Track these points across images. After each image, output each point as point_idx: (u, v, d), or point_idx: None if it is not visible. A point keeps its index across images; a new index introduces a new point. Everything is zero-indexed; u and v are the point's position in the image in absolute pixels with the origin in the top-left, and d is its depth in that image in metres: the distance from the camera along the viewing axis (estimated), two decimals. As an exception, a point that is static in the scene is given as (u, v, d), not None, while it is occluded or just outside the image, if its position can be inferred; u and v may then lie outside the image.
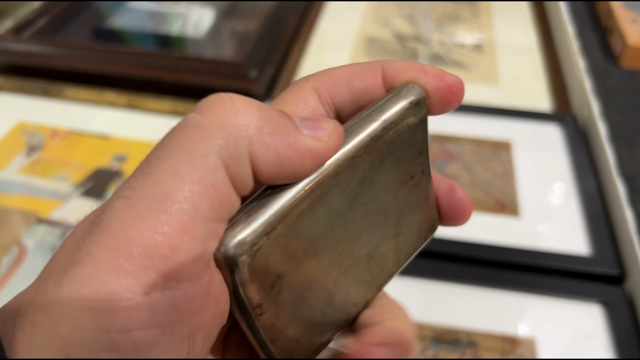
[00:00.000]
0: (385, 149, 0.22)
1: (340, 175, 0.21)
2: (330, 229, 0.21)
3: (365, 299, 0.24)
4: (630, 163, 0.56)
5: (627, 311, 0.46)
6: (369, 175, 0.22)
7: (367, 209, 0.22)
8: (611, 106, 0.63)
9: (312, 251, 0.21)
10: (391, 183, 0.23)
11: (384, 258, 0.24)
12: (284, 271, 0.20)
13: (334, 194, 0.21)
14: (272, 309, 0.20)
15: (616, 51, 0.70)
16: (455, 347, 0.45)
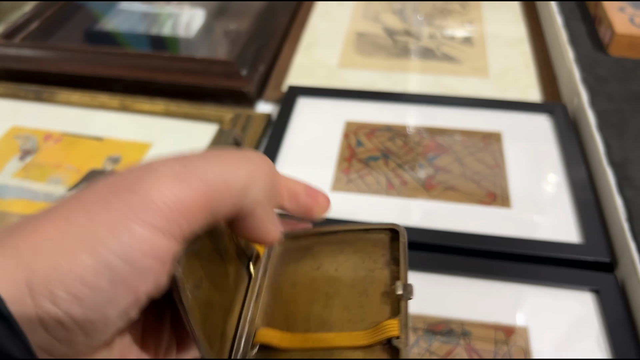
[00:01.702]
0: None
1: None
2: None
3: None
4: (619, 150, 0.56)
5: (619, 298, 0.47)
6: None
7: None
8: (600, 95, 0.63)
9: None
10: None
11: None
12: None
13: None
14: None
15: (605, 40, 0.70)
16: (449, 338, 0.45)
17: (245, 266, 0.34)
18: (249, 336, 0.31)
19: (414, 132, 0.64)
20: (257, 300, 0.33)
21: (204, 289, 0.28)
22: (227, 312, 0.31)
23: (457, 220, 0.54)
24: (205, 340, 0.27)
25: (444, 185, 0.57)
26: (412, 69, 0.76)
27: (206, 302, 0.28)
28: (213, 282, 0.29)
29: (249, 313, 0.32)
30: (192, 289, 0.27)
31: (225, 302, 0.31)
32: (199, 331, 0.26)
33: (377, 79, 0.74)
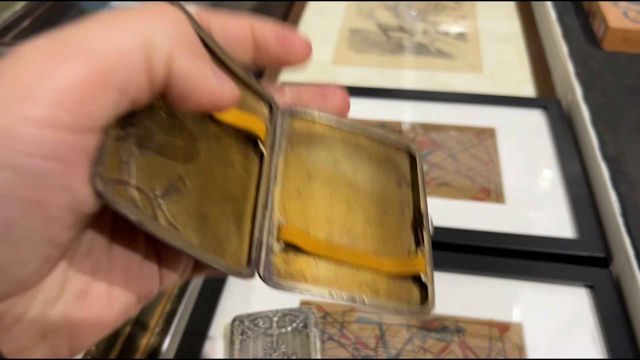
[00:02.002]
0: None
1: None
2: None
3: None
4: (613, 145, 0.56)
5: (614, 293, 0.47)
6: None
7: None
8: (594, 89, 0.63)
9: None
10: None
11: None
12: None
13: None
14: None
15: (598, 34, 0.70)
16: (443, 335, 0.45)
17: (253, 145, 0.29)
18: (272, 230, 0.27)
19: (408, 128, 0.64)
20: (275, 186, 0.28)
21: (188, 191, 0.24)
22: (237, 204, 0.27)
23: (451, 217, 0.53)
24: (207, 252, 0.23)
25: (438, 181, 0.57)
26: (406, 65, 0.75)
27: (196, 205, 0.24)
28: (203, 176, 0.25)
29: (267, 201, 0.27)
30: (162, 194, 0.22)
31: (231, 193, 0.26)
32: (192, 249, 0.22)
33: (370, 75, 0.74)
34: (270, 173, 0.28)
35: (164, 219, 0.22)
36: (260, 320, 0.44)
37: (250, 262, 0.25)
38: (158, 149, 0.23)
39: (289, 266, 0.26)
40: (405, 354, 0.44)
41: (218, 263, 0.23)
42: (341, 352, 0.44)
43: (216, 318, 0.46)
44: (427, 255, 0.29)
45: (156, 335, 0.46)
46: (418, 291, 0.28)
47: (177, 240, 0.21)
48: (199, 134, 0.26)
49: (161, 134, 0.23)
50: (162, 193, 0.23)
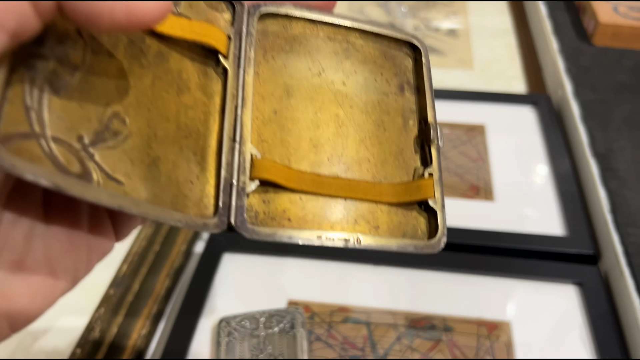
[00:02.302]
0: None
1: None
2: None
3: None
4: (603, 141, 0.56)
5: (602, 290, 0.46)
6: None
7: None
8: (584, 85, 0.62)
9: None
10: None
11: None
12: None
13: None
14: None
15: (589, 29, 0.70)
16: (430, 333, 0.45)
17: (214, 61, 0.23)
18: (243, 167, 0.22)
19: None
20: (245, 110, 0.23)
21: (129, 131, 0.19)
22: (198, 138, 0.22)
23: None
24: (159, 207, 0.19)
25: (427, 179, 0.57)
26: (396, 62, 0.75)
27: (141, 147, 0.20)
28: (149, 109, 0.20)
29: (235, 130, 0.22)
30: (92, 141, 0.18)
31: (189, 125, 0.22)
32: (136, 207, 0.18)
33: (360, 73, 0.73)
34: (237, 94, 0.23)
35: (99, 173, 0.18)
36: (246, 321, 0.44)
37: (218, 210, 0.21)
38: (81, 83, 0.18)
39: (269, 207, 0.22)
40: (393, 354, 0.44)
41: (175, 218, 0.19)
42: (329, 353, 0.44)
43: (203, 319, 0.46)
44: (435, 176, 0.24)
45: (143, 337, 0.46)
46: (425, 220, 0.24)
47: (114, 200, 0.17)
48: (137, 55, 0.20)
49: (84, 63, 0.19)
50: (92, 140, 0.18)
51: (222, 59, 0.23)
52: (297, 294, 0.48)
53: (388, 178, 0.24)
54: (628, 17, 0.67)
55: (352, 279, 0.49)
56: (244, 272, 0.49)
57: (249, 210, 0.22)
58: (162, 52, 0.21)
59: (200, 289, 0.47)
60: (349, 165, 0.24)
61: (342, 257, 0.50)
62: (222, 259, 0.50)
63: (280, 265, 0.50)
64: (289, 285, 0.48)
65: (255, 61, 0.24)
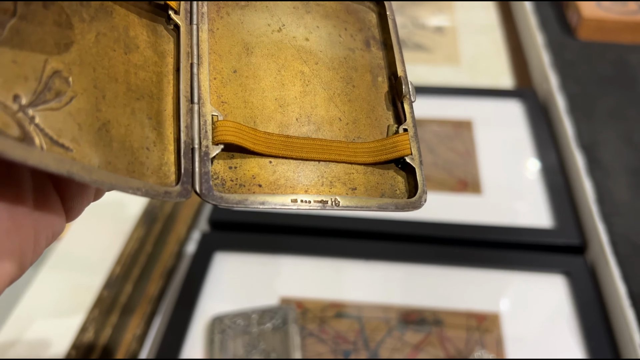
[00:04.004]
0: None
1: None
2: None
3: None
4: (588, 133, 0.57)
5: (589, 280, 0.47)
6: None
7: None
8: (569, 78, 0.63)
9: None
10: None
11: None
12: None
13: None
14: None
15: (572, 24, 0.71)
16: (421, 327, 0.45)
17: (165, 18, 0.22)
18: (205, 130, 0.20)
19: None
20: (201, 69, 0.21)
21: (74, 91, 0.18)
22: (151, 100, 0.20)
23: (428, 209, 0.54)
24: (115, 175, 0.17)
25: (416, 175, 0.57)
26: (384, 60, 0.75)
27: (89, 109, 0.18)
28: (94, 68, 0.18)
29: (193, 91, 0.21)
30: (30, 101, 0.16)
31: (141, 86, 0.20)
32: (89, 174, 0.16)
33: (348, 71, 0.74)
34: (192, 51, 0.21)
35: (42, 137, 0.16)
36: (239, 319, 0.45)
37: (181, 177, 0.19)
38: (12, 35, 0.16)
39: (236, 173, 0.21)
40: (385, 347, 0.44)
41: (134, 186, 0.18)
42: (321, 347, 0.44)
43: (196, 318, 0.46)
44: (411, 132, 0.23)
45: (137, 338, 0.46)
46: (404, 179, 0.23)
47: (62, 165, 0.15)
48: (77, 8, 0.19)
49: (16, 14, 0.17)
50: (31, 100, 0.16)
51: (172, 14, 0.21)
52: (289, 291, 0.48)
53: (362, 137, 0.23)
54: (611, 11, 0.68)
55: (344, 275, 0.49)
56: (236, 270, 0.50)
57: (214, 178, 0.20)
58: (105, 6, 0.20)
59: (192, 289, 0.48)
60: (319, 125, 0.23)
61: (333, 254, 0.50)
62: (214, 259, 0.50)
63: (271, 264, 0.50)
64: (280, 283, 0.49)
65: (209, 17, 0.22)
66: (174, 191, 0.19)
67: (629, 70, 0.64)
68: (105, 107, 0.18)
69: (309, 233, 0.52)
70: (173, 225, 0.55)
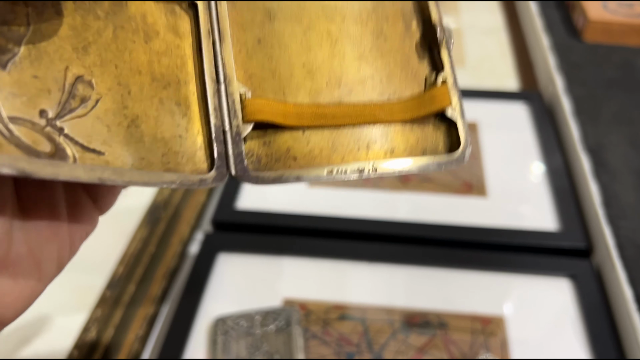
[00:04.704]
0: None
1: None
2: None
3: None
4: (594, 136, 0.56)
5: (595, 283, 0.47)
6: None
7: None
8: (575, 81, 0.63)
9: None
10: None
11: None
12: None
13: None
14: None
15: (578, 26, 0.70)
16: (425, 330, 0.45)
17: (179, 2, 0.21)
18: (234, 110, 0.20)
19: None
20: (224, 45, 0.20)
21: (99, 93, 0.17)
22: (177, 86, 0.20)
23: (433, 212, 0.54)
24: (148, 172, 0.17)
25: (420, 177, 0.57)
26: (389, 62, 0.75)
27: (116, 108, 0.18)
28: (115, 65, 0.18)
29: (218, 70, 0.20)
30: (57, 113, 0.16)
31: (165, 73, 0.19)
32: (121, 176, 0.16)
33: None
34: (212, 28, 0.20)
35: (73, 147, 0.16)
36: (242, 320, 0.44)
37: (214, 162, 0.19)
38: (30, 52, 0.16)
39: (270, 148, 0.20)
40: (389, 350, 0.44)
41: (167, 180, 0.17)
42: (324, 350, 0.44)
43: (199, 319, 0.46)
44: (450, 80, 0.22)
45: (139, 338, 0.46)
46: (445, 132, 0.22)
47: (93, 173, 0.15)
48: (90, 7, 0.18)
49: (28, 28, 0.16)
50: (57, 112, 0.16)
51: None
52: (292, 292, 0.48)
53: (397, 93, 0.22)
54: (617, 13, 0.68)
55: (347, 276, 0.49)
56: (239, 272, 0.50)
57: (250, 156, 0.20)
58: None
59: (195, 290, 0.48)
60: (351, 87, 0.22)
61: (337, 256, 0.50)
62: (217, 259, 0.50)
63: (275, 265, 0.50)
64: (284, 284, 0.49)
65: None
66: (209, 177, 0.19)
67: (636, 73, 0.63)
68: (132, 103, 0.18)
69: (313, 234, 0.51)
70: (176, 226, 0.55)
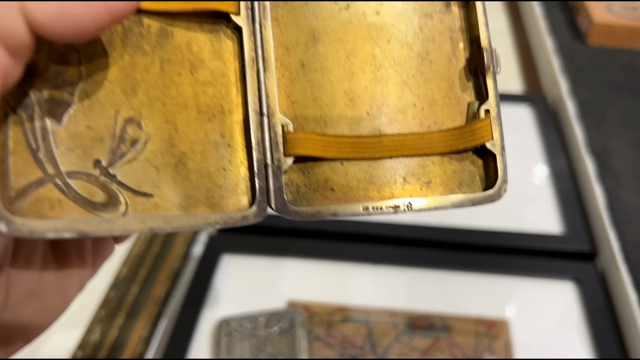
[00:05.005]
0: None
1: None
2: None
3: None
4: (598, 139, 0.56)
5: (599, 287, 0.47)
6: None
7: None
8: (579, 84, 0.63)
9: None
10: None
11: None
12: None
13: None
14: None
15: (583, 29, 0.70)
16: (429, 332, 0.45)
17: (225, 23, 0.20)
18: (275, 143, 0.20)
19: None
20: (268, 74, 0.20)
21: (148, 135, 0.18)
22: (223, 116, 0.20)
23: (436, 214, 0.53)
24: (192, 216, 0.18)
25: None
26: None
27: (164, 148, 0.18)
28: (163, 100, 0.18)
29: (261, 101, 0.20)
30: (110, 160, 0.17)
31: (211, 104, 0.19)
32: (169, 224, 0.17)
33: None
34: (257, 55, 0.20)
35: (125, 193, 0.17)
36: (246, 322, 0.44)
37: (256, 198, 0.19)
38: (82, 100, 0.16)
39: (309, 178, 0.21)
40: (393, 352, 0.44)
41: (212, 221, 0.18)
42: (328, 352, 0.44)
43: (202, 320, 0.46)
44: (493, 112, 0.22)
45: (143, 339, 0.46)
46: (483, 164, 0.22)
47: (144, 224, 0.16)
48: (138, 43, 0.18)
49: (81, 76, 0.17)
50: (110, 160, 0.17)
51: (233, 17, 0.20)
52: (296, 294, 0.48)
53: (438, 122, 0.22)
54: (622, 16, 0.68)
55: (351, 279, 0.49)
56: (243, 273, 0.50)
57: (289, 185, 0.20)
58: (164, 29, 0.19)
59: (199, 291, 0.48)
60: (392, 116, 0.21)
61: (340, 257, 0.50)
62: (221, 261, 0.50)
63: (279, 266, 0.50)
64: (288, 286, 0.49)
65: (273, 10, 0.21)
66: (251, 214, 0.19)
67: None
68: (179, 140, 0.18)
69: (317, 236, 0.51)
70: (180, 227, 0.55)
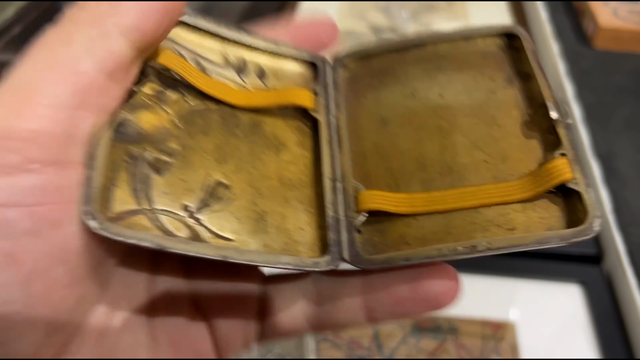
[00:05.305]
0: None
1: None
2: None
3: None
4: (604, 143, 0.56)
5: (605, 290, 0.47)
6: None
7: None
8: (585, 87, 0.63)
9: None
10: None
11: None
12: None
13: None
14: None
15: (588, 33, 0.71)
16: (436, 334, 0.45)
17: (301, 116, 0.24)
18: (348, 202, 0.22)
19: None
20: (342, 151, 0.23)
21: (233, 195, 0.21)
22: (303, 188, 0.23)
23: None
24: (266, 253, 0.20)
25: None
26: (398, 66, 0.75)
27: (247, 205, 0.21)
28: (249, 172, 0.21)
29: (335, 171, 0.23)
30: (198, 207, 0.20)
31: (293, 178, 0.22)
32: (238, 254, 0.19)
33: (363, 77, 0.74)
34: (331, 139, 0.23)
35: (207, 233, 0.19)
36: (254, 322, 0.45)
37: (328, 249, 0.21)
38: (180, 163, 0.20)
39: (384, 236, 0.22)
40: (400, 354, 0.44)
41: (284, 262, 0.19)
42: (335, 353, 0.44)
43: (210, 320, 0.46)
44: (569, 154, 0.21)
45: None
46: (569, 206, 0.21)
47: (218, 252, 0.18)
48: (231, 130, 0.22)
49: (180, 145, 0.20)
50: (198, 207, 0.20)
51: (311, 112, 0.24)
52: (303, 295, 0.48)
53: (514, 175, 0.22)
54: (628, 20, 0.68)
55: (358, 280, 0.49)
56: (251, 274, 0.50)
57: (365, 244, 0.22)
58: (255, 121, 0.23)
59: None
60: (463, 174, 0.22)
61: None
62: (229, 261, 0.50)
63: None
64: (295, 287, 0.49)
65: (346, 105, 0.25)
66: (323, 261, 0.20)
67: (645, 81, 0.64)
68: (261, 201, 0.21)
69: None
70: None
